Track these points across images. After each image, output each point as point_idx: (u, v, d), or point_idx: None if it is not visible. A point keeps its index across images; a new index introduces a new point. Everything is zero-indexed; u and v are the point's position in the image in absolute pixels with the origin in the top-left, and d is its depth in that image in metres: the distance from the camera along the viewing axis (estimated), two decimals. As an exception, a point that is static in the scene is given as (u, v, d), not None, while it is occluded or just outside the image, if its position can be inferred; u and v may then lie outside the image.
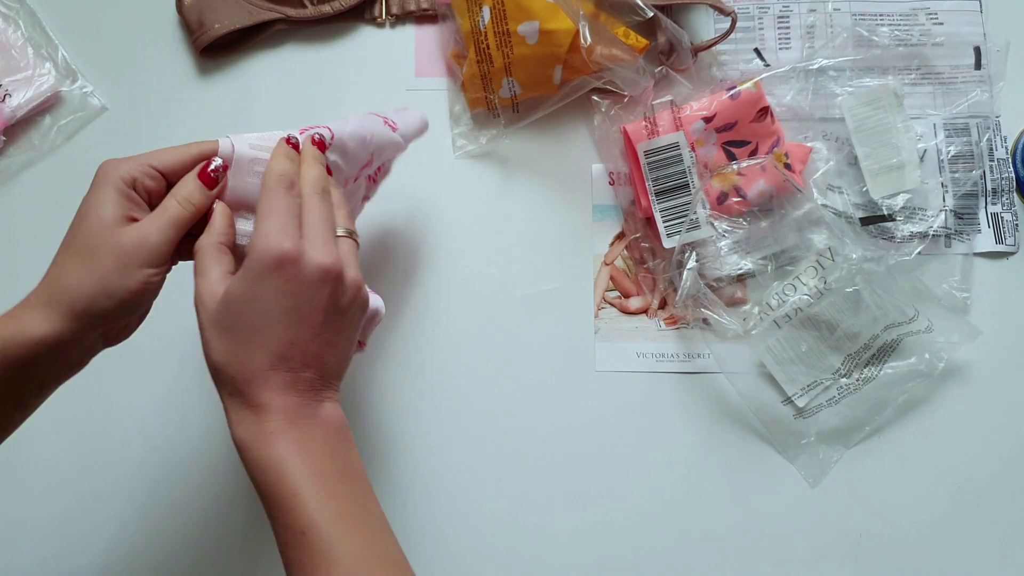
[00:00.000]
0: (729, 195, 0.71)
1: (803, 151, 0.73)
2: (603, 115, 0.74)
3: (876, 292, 0.70)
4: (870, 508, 0.71)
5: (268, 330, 0.45)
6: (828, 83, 0.74)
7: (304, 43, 0.78)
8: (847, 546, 0.70)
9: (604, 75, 0.70)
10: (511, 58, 0.71)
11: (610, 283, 0.74)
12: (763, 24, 0.77)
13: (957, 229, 0.74)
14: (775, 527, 0.71)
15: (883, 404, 0.71)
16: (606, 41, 0.69)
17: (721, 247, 0.71)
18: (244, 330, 0.45)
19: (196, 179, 0.49)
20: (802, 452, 0.71)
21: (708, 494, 0.71)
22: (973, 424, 0.72)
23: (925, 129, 0.74)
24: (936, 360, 0.71)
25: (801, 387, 0.71)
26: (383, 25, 0.78)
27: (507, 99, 0.74)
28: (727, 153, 0.71)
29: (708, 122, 0.70)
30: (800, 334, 0.71)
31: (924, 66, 0.75)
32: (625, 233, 0.75)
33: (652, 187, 0.71)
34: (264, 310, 0.45)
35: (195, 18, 0.75)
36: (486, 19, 0.70)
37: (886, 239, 0.73)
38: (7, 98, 0.74)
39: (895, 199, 0.73)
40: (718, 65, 0.76)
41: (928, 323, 0.70)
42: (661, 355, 0.73)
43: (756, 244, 0.72)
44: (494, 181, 0.76)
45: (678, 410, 0.72)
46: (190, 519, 0.70)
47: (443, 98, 0.77)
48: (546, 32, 0.69)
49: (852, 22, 0.76)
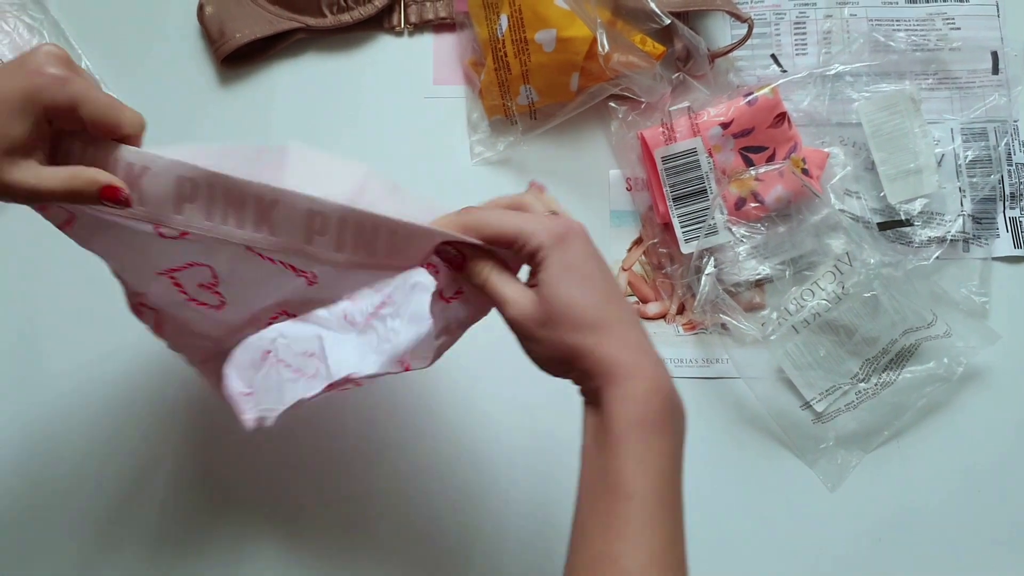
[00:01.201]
0: (747, 200, 0.71)
1: (820, 156, 0.73)
2: (620, 121, 0.74)
3: (894, 297, 0.70)
4: (889, 512, 0.71)
5: (611, 293, 0.48)
6: (845, 88, 0.74)
7: (324, 52, 0.79)
8: (866, 550, 0.70)
9: (621, 82, 0.71)
10: (529, 65, 0.71)
11: (628, 288, 0.74)
12: (780, 30, 0.77)
13: (975, 233, 0.74)
14: (794, 532, 0.71)
15: (902, 409, 0.71)
16: (623, 48, 0.69)
17: (739, 252, 0.72)
18: (589, 304, 0.47)
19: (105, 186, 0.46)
20: (821, 456, 0.71)
21: (727, 498, 0.71)
22: (992, 428, 0.72)
23: (943, 134, 0.74)
24: (955, 364, 0.71)
25: (819, 392, 0.71)
26: (401, 34, 0.79)
27: (525, 106, 0.74)
28: (745, 159, 0.71)
29: (725, 128, 0.71)
30: (818, 339, 0.71)
31: (941, 71, 0.76)
32: (643, 239, 0.75)
33: (670, 193, 0.71)
34: (595, 277, 0.48)
35: (216, 28, 0.76)
36: (504, 27, 0.71)
37: (904, 244, 0.73)
38: (32, 108, 0.75)
39: (913, 204, 0.73)
40: (735, 71, 0.76)
41: (947, 327, 0.70)
42: (680, 360, 0.73)
43: (774, 249, 0.72)
44: (512, 188, 0.76)
45: (696, 415, 0.71)
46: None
47: (461, 106, 0.77)
48: (563, 40, 0.69)
49: (869, 27, 0.76)
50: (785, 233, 0.72)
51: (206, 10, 0.76)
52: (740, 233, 0.71)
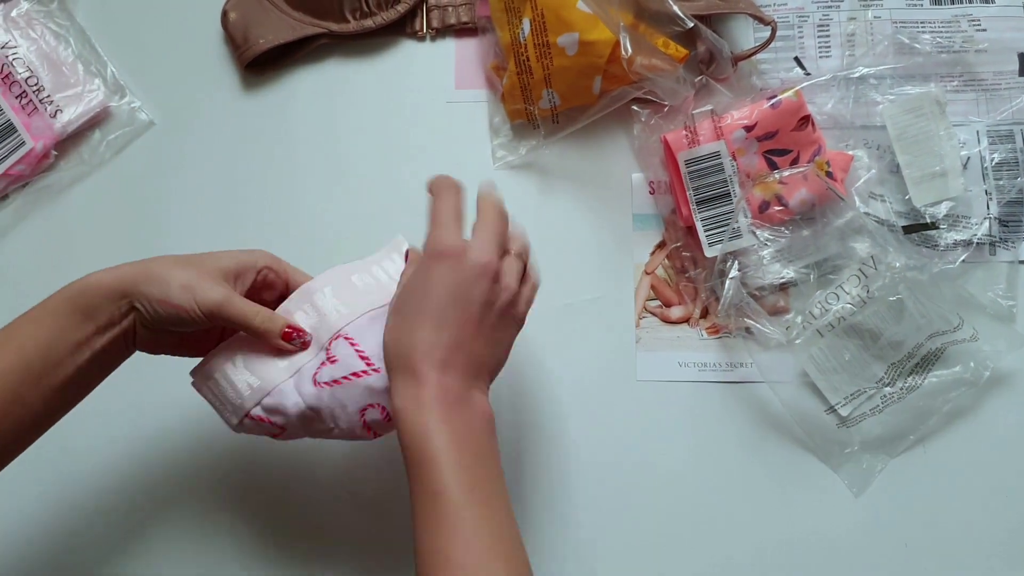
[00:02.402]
0: (771, 204, 0.71)
1: (845, 159, 0.72)
2: (643, 125, 0.74)
3: (920, 300, 0.69)
4: (916, 517, 0.70)
5: (432, 313, 0.51)
6: (869, 91, 0.74)
7: (346, 57, 0.79)
8: (893, 555, 0.70)
9: (644, 85, 0.71)
10: (551, 69, 0.71)
11: (651, 292, 0.74)
12: (803, 33, 0.77)
13: (1002, 237, 0.73)
14: (819, 537, 0.70)
15: (928, 413, 0.71)
16: (646, 51, 0.69)
17: (763, 256, 0.71)
18: (412, 312, 0.52)
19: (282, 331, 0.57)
20: (846, 461, 0.71)
21: (751, 503, 0.71)
22: (1019, 432, 0.71)
23: (968, 136, 0.74)
24: (982, 369, 0.70)
25: (844, 396, 0.71)
26: (424, 39, 0.79)
27: (547, 110, 0.74)
28: (768, 162, 0.71)
29: (749, 131, 0.70)
30: (842, 343, 0.71)
31: (967, 73, 0.75)
32: (666, 242, 0.75)
33: (693, 196, 0.71)
34: (429, 294, 0.51)
35: (240, 34, 0.76)
36: (526, 31, 0.71)
37: (929, 247, 0.72)
38: (58, 114, 0.76)
39: (938, 207, 0.72)
40: (758, 74, 0.76)
41: (973, 331, 0.70)
42: (703, 364, 0.73)
43: (798, 253, 0.72)
44: (534, 192, 0.76)
45: (720, 420, 0.72)
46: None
47: (483, 110, 0.78)
48: (586, 43, 0.69)
49: (893, 29, 0.76)
50: (809, 236, 0.72)
51: (230, 16, 0.77)
52: (764, 237, 0.71)
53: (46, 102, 0.76)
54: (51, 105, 0.76)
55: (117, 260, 0.55)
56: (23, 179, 0.76)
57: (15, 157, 0.74)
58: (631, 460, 0.72)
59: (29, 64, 0.76)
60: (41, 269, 0.75)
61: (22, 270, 0.76)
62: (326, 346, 0.57)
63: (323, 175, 0.77)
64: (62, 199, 0.77)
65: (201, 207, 0.77)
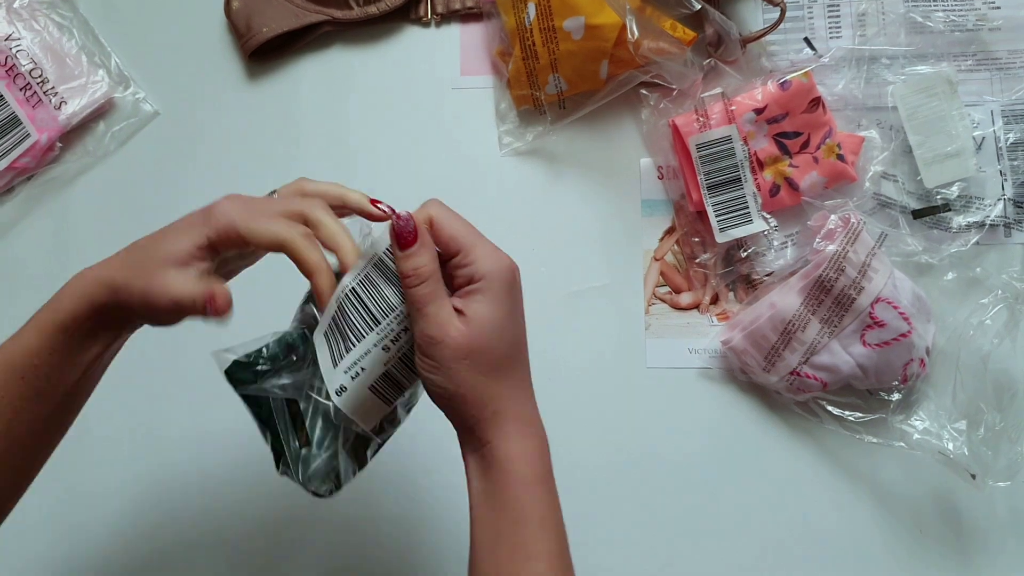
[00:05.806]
0: (781, 187, 0.70)
1: (856, 141, 0.71)
2: (651, 109, 0.73)
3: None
4: (930, 506, 0.70)
5: (522, 343, 0.48)
6: (881, 71, 0.73)
7: (350, 44, 0.78)
8: (909, 541, 0.69)
9: (651, 69, 0.70)
10: (557, 54, 0.70)
11: (660, 279, 0.73)
12: (813, 12, 0.76)
13: (1017, 218, 0.72)
14: (832, 523, 0.70)
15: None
16: (653, 34, 0.68)
17: (774, 241, 0.70)
18: (505, 349, 0.46)
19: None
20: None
21: (762, 490, 0.71)
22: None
23: (983, 116, 0.72)
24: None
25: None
26: (428, 25, 0.78)
27: (553, 95, 0.73)
28: (779, 145, 0.70)
29: (759, 113, 0.69)
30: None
31: (981, 51, 0.74)
32: (675, 228, 0.74)
33: (704, 181, 0.70)
34: (517, 324, 0.47)
35: (243, 22, 0.76)
36: (532, 16, 0.70)
37: (942, 229, 0.71)
38: (63, 105, 0.75)
39: (951, 188, 0.71)
40: (767, 56, 0.74)
41: None
42: (713, 351, 0.72)
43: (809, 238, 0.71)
44: (541, 178, 0.76)
45: (731, 406, 0.72)
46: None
47: (489, 96, 0.77)
48: (592, 27, 0.68)
49: (905, 8, 0.74)
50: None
51: (233, 5, 0.76)
52: (775, 221, 0.70)
53: (50, 94, 0.75)
54: (55, 97, 0.75)
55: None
56: (28, 171, 0.76)
57: (20, 149, 0.74)
58: (640, 447, 0.71)
59: (33, 56, 0.76)
60: (47, 261, 0.75)
61: (29, 262, 0.76)
62: (869, 310, 0.64)
63: (328, 163, 0.76)
64: (67, 191, 0.77)
65: (207, 196, 0.75)
